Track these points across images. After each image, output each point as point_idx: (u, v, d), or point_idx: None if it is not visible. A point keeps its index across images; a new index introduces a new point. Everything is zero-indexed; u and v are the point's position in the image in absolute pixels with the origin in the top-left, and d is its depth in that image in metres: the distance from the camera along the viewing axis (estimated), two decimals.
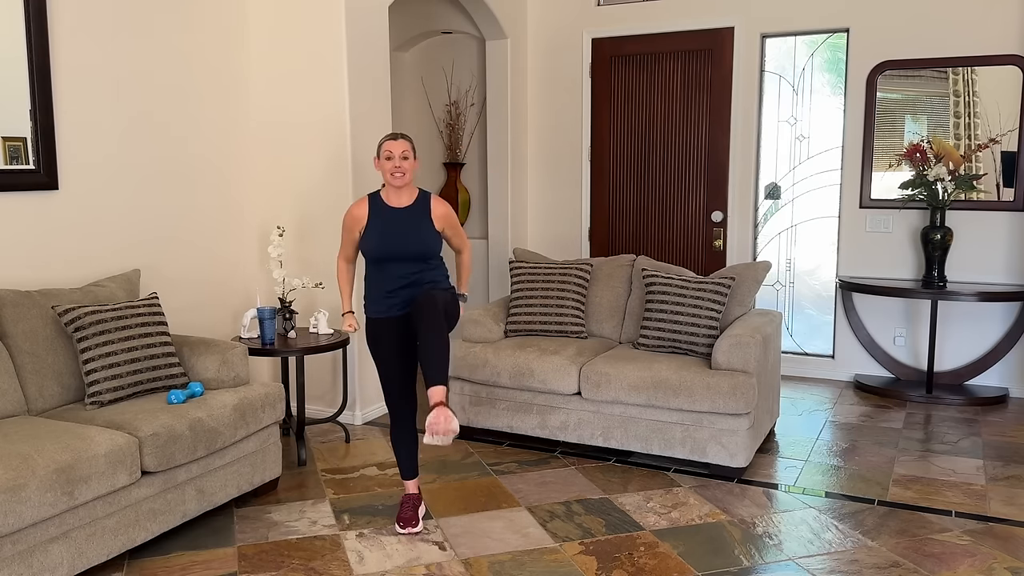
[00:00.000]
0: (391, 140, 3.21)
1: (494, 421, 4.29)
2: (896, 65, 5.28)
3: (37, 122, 3.58)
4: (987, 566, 2.98)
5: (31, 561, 2.63)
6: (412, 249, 3.21)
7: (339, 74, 4.46)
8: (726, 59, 5.64)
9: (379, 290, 3.25)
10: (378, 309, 3.27)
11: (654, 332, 4.23)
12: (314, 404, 4.78)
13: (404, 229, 3.22)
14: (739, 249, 5.75)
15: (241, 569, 3.00)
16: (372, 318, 3.29)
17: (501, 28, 5.84)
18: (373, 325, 3.30)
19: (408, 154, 3.21)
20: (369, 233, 3.24)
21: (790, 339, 5.84)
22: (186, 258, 4.37)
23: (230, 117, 4.60)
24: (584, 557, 3.08)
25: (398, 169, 3.19)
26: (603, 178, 6.10)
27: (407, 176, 3.21)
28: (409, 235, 3.22)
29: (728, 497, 3.64)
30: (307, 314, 4.67)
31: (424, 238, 3.24)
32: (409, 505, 3.34)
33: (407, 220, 3.24)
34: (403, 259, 3.21)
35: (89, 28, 3.81)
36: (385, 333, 3.27)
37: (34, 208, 3.62)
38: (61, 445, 2.75)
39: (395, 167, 3.18)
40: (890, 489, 3.72)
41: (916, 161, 5.14)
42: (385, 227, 3.22)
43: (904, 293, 5.01)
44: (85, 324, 3.28)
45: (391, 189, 3.26)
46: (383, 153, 3.21)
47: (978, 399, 5.03)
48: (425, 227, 3.25)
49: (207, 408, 3.24)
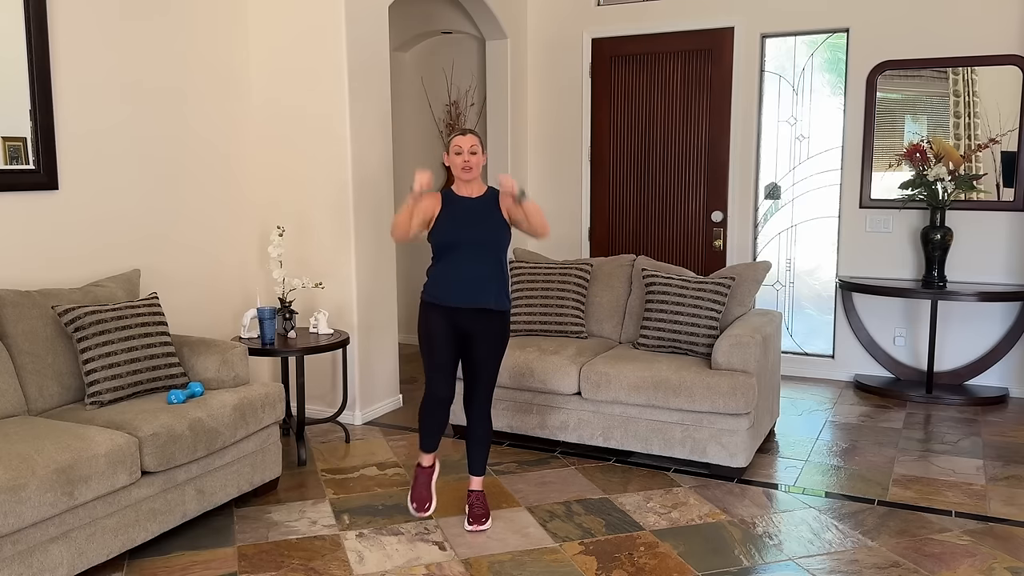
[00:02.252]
0: (460, 136, 3.29)
1: (494, 421, 4.28)
2: (896, 65, 5.28)
3: (37, 122, 3.58)
4: (987, 566, 2.99)
5: (31, 561, 2.63)
6: (483, 235, 3.25)
7: (339, 74, 4.46)
8: (726, 59, 5.64)
9: (444, 279, 3.26)
10: (436, 295, 3.27)
11: (654, 332, 4.23)
12: (314, 404, 4.78)
13: (476, 217, 3.27)
14: (739, 249, 5.75)
15: (241, 569, 3.00)
16: (430, 302, 3.29)
17: (501, 28, 5.84)
18: (428, 309, 3.30)
19: (476, 149, 3.27)
20: (441, 220, 3.27)
21: (790, 339, 5.84)
22: (186, 258, 4.37)
23: (230, 117, 4.60)
24: (584, 557, 3.08)
25: (467, 164, 3.26)
26: (603, 178, 6.10)
27: (475, 171, 3.29)
28: (480, 223, 3.27)
29: (728, 497, 3.64)
30: (307, 314, 4.67)
31: (495, 227, 3.29)
32: (423, 481, 3.39)
33: (479, 208, 3.29)
34: (474, 245, 3.23)
35: (89, 28, 3.81)
36: (441, 320, 3.27)
37: (34, 208, 3.62)
38: (61, 445, 2.75)
39: (464, 161, 3.26)
40: (890, 489, 3.72)
41: (916, 161, 5.14)
42: (458, 215, 3.27)
43: (904, 293, 5.01)
44: (85, 324, 3.28)
45: (460, 183, 3.32)
46: (452, 148, 3.28)
47: (978, 399, 5.03)
48: (496, 217, 3.30)
49: (207, 408, 3.24)
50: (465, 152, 3.26)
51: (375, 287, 4.75)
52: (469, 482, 3.42)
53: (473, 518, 3.31)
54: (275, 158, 4.71)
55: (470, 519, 3.32)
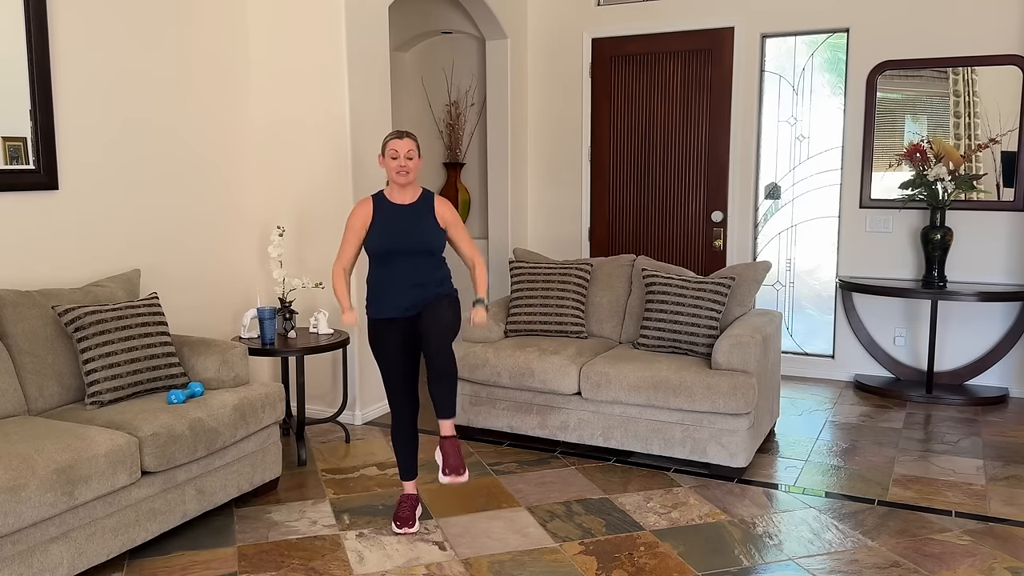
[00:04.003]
0: (396, 139, 3.22)
1: (494, 421, 4.29)
2: (896, 65, 5.28)
3: (37, 122, 3.58)
4: (987, 566, 2.99)
5: (31, 561, 2.63)
6: (416, 242, 3.20)
7: (339, 74, 4.46)
8: (726, 59, 5.64)
9: (383, 291, 3.24)
10: (381, 310, 3.25)
11: (654, 332, 4.23)
12: (314, 404, 4.78)
13: (408, 224, 3.22)
14: (739, 249, 5.75)
15: (241, 569, 3.00)
16: (375, 319, 3.28)
17: (501, 28, 5.84)
18: (376, 326, 3.28)
19: (413, 153, 3.21)
20: (374, 229, 3.23)
21: (790, 339, 5.84)
22: (186, 258, 4.37)
23: (230, 117, 4.60)
24: (584, 557, 3.08)
25: (403, 168, 3.19)
26: (603, 178, 6.11)
27: (411, 175, 3.22)
28: (413, 230, 3.21)
29: (728, 497, 3.64)
30: (307, 314, 4.67)
31: (427, 232, 3.23)
32: (407, 505, 3.34)
33: (411, 216, 3.24)
34: (408, 253, 3.20)
35: (89, 28, 3.81)
36: (388, 334, 3.25)
37: (34, 208, 3.62)
38: (61, 445, 2.75)
39: (400, 166, 3.19)
40: (890, 489, 3.72)
41: (916, 161, 5.14)
42: (389, 222, 3.22)
43: (904, 293, 5.01)
44: (85, 324, 3.28)
45: (395, 187, 3.26)
46: (388, 151, 3.21)
47: (978, 399, 5.03)
48: (429, 223, 3.24)
49: (207, 408, 3.24)
50: (402, 156, 3.19)
51: None
52: (440, 428, 3.11)
53: (449, 468, 3.03)
54: (275, 158, 4.71)
55: (445, 470, 3.04)
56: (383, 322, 3.26)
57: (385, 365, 3.28)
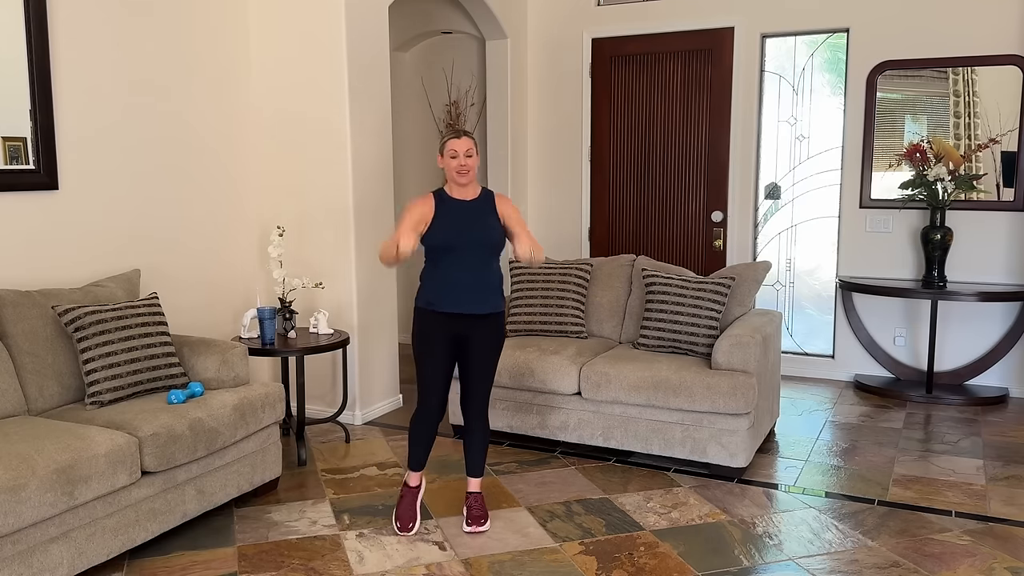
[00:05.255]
0: (455, 139, 3.22)
1: (494, 421, 4.29)
2: (896, 65, 5.28)
3: (37, 122, 3.58)
4: (987, 566, 2.99)
5: (31, 561, 2.63)
6: (480, 238, 3.19)
7: (339, 74, 4.46)
8: (726, 59, 5.64)
9: (440, 285, 3.22)
10: (434, 300, 3.22)
11: (654, 332, 4.23)
12: (314, 404, 4.78)
13: (472, 219, 3.22)
14: (739, 249, 5.75)
15: (241, 569, 3.00)
16: (425, 309, 3.26)
17: (501, 28, 5.84)
18: (426, 320, 3.26)
19: (472, 152, 3.22)
20: (436, 223, 3.21)
21: (790, 339, 5.84)
22: (186, 258, 4.37)
23: (230, 117, 4.60)
24: (584, 557, 3.08)
25: (463, 167, 3.20)
26: (603, 178, 6.11)
27: (471, 173, 3.24)
28: (476, 225, 3.21)
29: (728, 497, 3.64)
30: (307, 314, 4.67)
31: (490, 228, 3.23)
32: (409, 501, 3.35)
33: (475, 211, 3.24)
34: (470, 248, 3.18)
35: (89, 28, 3.81)
36: (438, 328, 3.23)
37: (34, 208, 3.62)
38: (61, 445, 2.75)
39: (460, 164, 3.20)
40: (890, 489, 3.72)
41: (916, 161, 5.14)
42: (454, 217, 3.22)
43: (904, 293, 5.01)
44: (85, 324, 3.28)
45: (455, 186, 3.27)
46: (447, 151, 3.22)
47: (978, 399, 5.03)
48: (492, 220, 3.25)
49: (207, 408, 3.24)
50: (461, 156, 3.20)
51: (375, 287, 4.75)
52: (467, 484, 3.42)
53: (472, 519, 3.30)
54: (275, 158, 4.71)
55: (468, 520, 3.31)
56: (435, 316, 3.23)
57: (428, 361, 3.26)
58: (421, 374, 3.30)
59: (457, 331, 3.25)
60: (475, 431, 3.37)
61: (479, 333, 3.25)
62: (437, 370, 3.26)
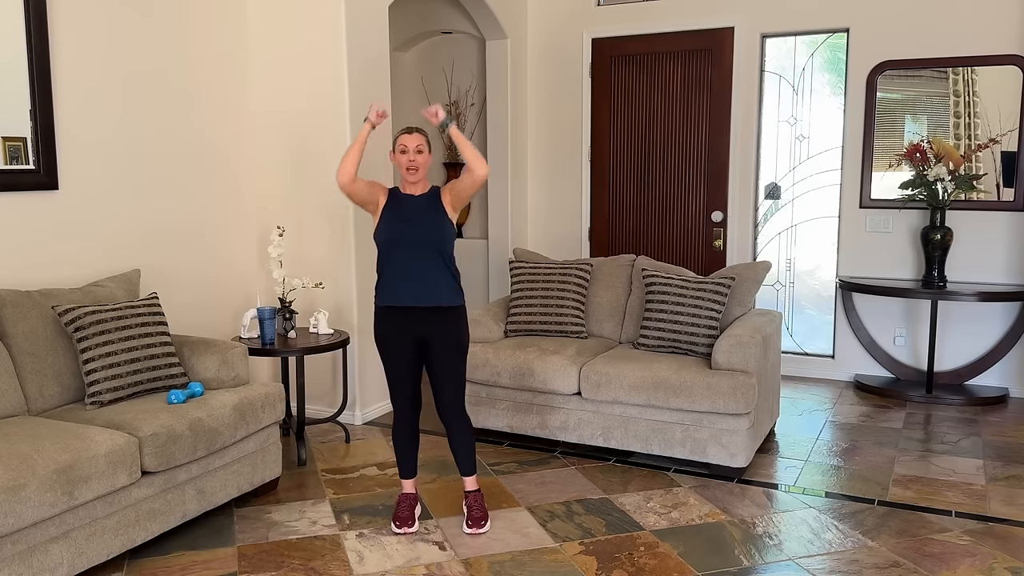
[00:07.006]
0: (406, 134, 3.21)
1: (494, 421, 4.29)
2: (896, 65, 5.28)
3: (37, 122, 3.58)
4: (987, 566, 2.99)
5: (31, 561, 2.63)
6: (426, 232, 3.17)
7: (339, 74, 4.46)
8: (726, 59, 5.64)
9: (386, 279, 3.22)
10: (387, 296, 3.22)
11: (654, 332, 4.23)
12: (314, 404, 4.78)
13: (418, 214, 3.20)
14: (739, 249, 5.75)
15: (241, 569, 3.00)
16: (379, 307, 3.26)
17: (501, 28, 5.84)
18: (379, 318, 3.26)
19: (423, 148, 3.21)
20: (384, 218, 3.22)
21: (790, 339, 5.84)
22: (186, 258, 4.37)
23: (230, 117, 4.60)
24: (584, 557, 3.08)
25: (412, 163, 3.19)
26: (603, 178, 6.10)
27: (421, 171, 3.22)
28: (422, 220, 3.19)
29: (728, 497, 3.64)
30: (307, 314, 4.67)
31: (437, 223, 3.20)
32: (406, 505, 3.35)
33: (419, 208, 3.22)
34: (414, 243, 3.17)
35: (89, 29, 3.81)
36: (393, 328, 3.23)
37: (34, 208, 3.62)
38: (61, 445, 2.75)
39: (410, 161, 3.19)
40: (890, 489, 3.72)
41: (916, 161, 5.14)
42: (400, 212, 3.21)
43: (904, 293, 5.01)
44: (85, 324, 3.28)
45: (405, 182, 3.27)
46: (398, 147, 3.21)
47: (978, 399, 5.03)
48: (437, 216, 3.22)
49: (207, 408, 3.24)
50: (411, 151, 3.19)
51: None
52: (463, 483, 3.41)
53: (472, 521, 3.29)
54: (275, 157, 4.71)
55: (469, 522, 3.31)
56: (387, 314, 3.23)
57: (391, 361, 3.27)
58: (387, 377, 3.30)
59: (415, 332, 3.22)
60: (455, 431, 3.31)
61: (435, 332, 3.21)
62: (399, 371, 3.26)
